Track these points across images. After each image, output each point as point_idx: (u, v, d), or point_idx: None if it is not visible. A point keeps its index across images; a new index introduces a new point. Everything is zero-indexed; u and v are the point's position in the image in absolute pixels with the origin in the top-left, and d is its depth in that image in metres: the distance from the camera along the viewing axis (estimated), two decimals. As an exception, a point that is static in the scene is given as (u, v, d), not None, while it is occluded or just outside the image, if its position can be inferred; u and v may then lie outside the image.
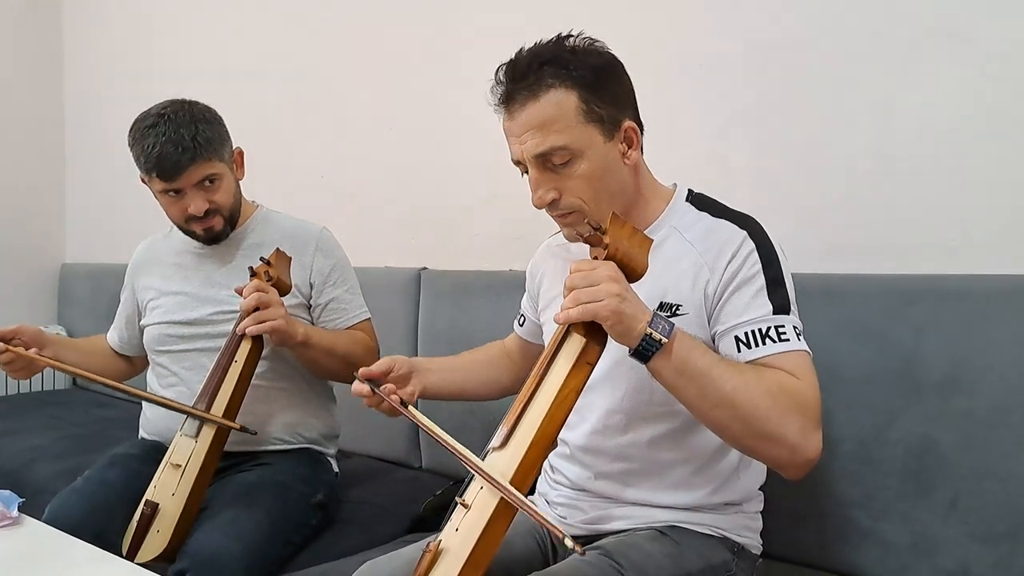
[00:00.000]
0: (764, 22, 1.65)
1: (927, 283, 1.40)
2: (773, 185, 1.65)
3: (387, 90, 2.38)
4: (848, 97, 1.55)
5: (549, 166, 1.15)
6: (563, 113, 1.12)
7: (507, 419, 1.01)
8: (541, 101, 1.12)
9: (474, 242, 2.18)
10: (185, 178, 1.60)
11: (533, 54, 1.15)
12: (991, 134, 1.41)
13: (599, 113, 1.14)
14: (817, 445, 1.05)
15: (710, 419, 1.06)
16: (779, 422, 1.03)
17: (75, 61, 3.55)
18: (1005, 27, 1.39)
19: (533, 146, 1.13)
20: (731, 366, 1.05)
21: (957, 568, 1.32)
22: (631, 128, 1.17)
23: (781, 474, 1.11)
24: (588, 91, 1.13)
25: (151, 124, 1.59)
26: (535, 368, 1.03)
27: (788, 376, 1.07)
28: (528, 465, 0.97)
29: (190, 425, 1.54)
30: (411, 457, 2.13)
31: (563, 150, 1.13)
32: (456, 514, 1.00)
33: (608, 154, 1.16)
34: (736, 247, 1.15)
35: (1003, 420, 1.28)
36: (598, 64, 1.15)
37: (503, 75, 1.16)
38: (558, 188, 1.16)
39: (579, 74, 1.12)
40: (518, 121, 1.14)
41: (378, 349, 1.78)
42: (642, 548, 1.16)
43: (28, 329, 1.64)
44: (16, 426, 2.54)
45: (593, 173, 1.14)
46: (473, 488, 1.00)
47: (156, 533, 1.47)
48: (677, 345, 1.00)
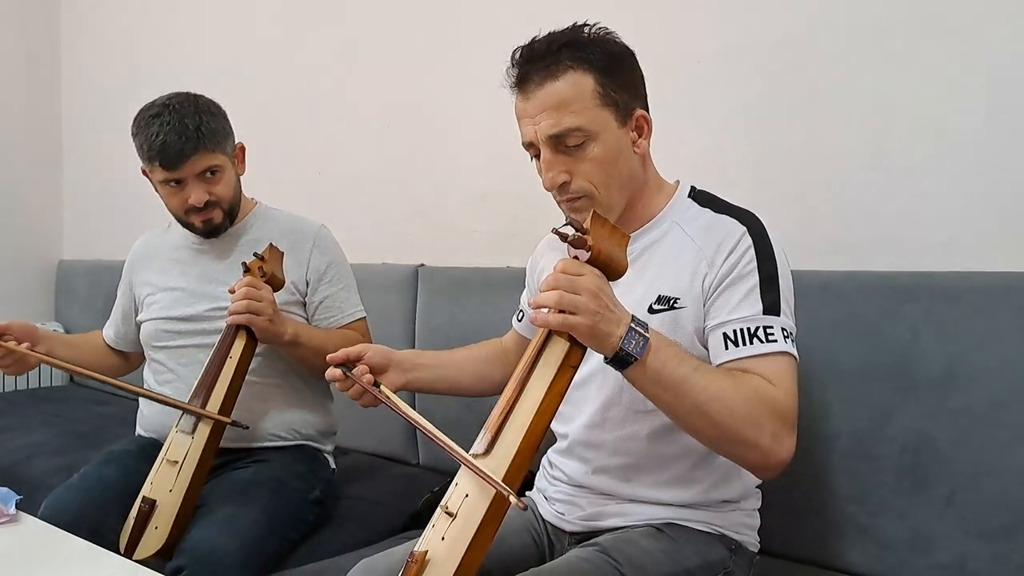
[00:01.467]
0: (762, 20, 1.65)
1: (923, 280, 1.40)
2: (770, 182, 1.65)
3: (385, 87, 2.38)
4: (845, 95, 1.56)
5: (562, 148, 1.15)
6: (580, 94, 1.13)
7: (489, 425, 0.99)
8: (560, 81, 1.13)
9: (472, 238, 2.18)
10: (187, 168, 1.61)
11: (551, 38, 1.15)
12: (988, 132, 1.41)
13: (614, 98, 1.14)
14: (790, 448, 1.07)
15: (685, 424, 1.06)
16: (752, 429, 1.03)
17: (72, 58, 3.55)
18: (1002, 26, 1.39)
19: (547, 127, 1.13)
20: (708, 373, 1.05)
21: (954, 563, 1.32)
22: (642, 117, 1.18)
23: (754, 474, 1.15)
24: (604, 75, 1.13)
25: (156, 113, 1.60)
26: (516, 372, 1.01)
27: (763, 382, 1.07)
28: (515, 471, 0.95)
29: (186, 421, 1.54)
30: (408, 453, 2.13)
31: (578, 131, 1.13)
32: (440, 521, 0.98)
33: (620, 140, 1.16)
34: (735, 243, 1.15)
35: (999, 416, 1.29)
36: (614, 51, 1.16)
37: (520, 57, 1.16)
38: (569, 171, 1.15)
39: (596, 58, 1.13)
40: (534, 101, 1.14)
41: (372, 349, 1.78)
42: (639, 545, 1.16)
43: (19, 325, 1.63)
44: (13, 423, 2.54)
45: (605, 157, 1.15)
46: (457, 495, 0.98)
47: (154, 529, 1.47)
48: (651, 358, 1.00)
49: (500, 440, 0.98)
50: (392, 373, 1.31)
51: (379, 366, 1.30)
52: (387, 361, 1.31)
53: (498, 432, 0.98)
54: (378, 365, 1.30)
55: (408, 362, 1.35)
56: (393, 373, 1.31)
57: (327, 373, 1.26)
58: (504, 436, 0.98)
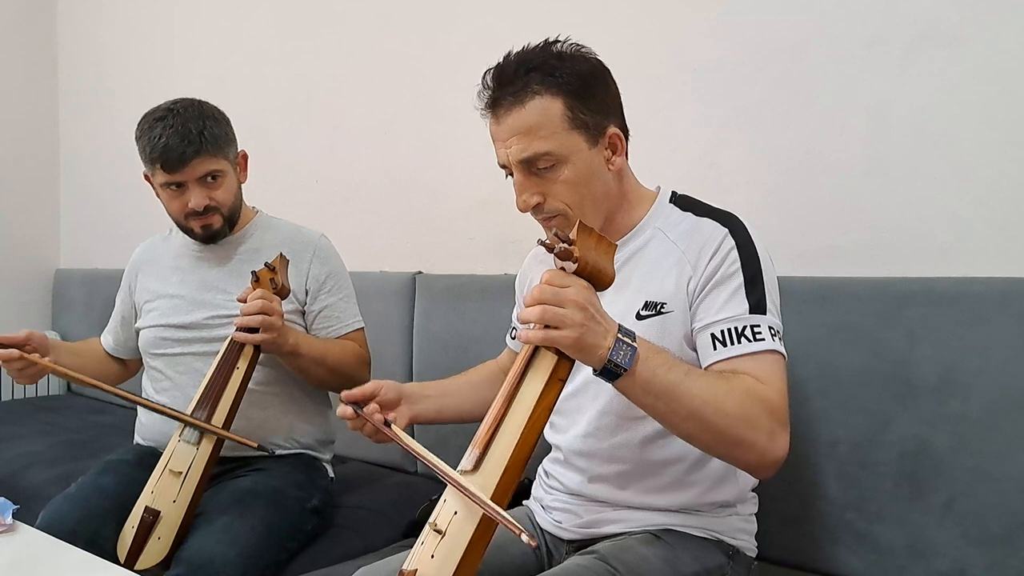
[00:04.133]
0: (759, 26, 1.66)
1: (920, 286, 1.40)
2: (767, 188, 1.65)
3: (382, 94, 2.38)
4: (842, 101, 1.56)
5: (534, 170, 1.16)
6: (548, 120, 1.13)
7: (477, 440, 0.99)
8: (527, 107, 1.13)
9: (469, 246, 2.18)
10: (188, 171, 1.61)
11: (520, 59, 1.15)
12: (984, 138, 1.42)
13: (584, 120, 1.14)
14: (784, 446, 1.07)
15: (681, 431, 1.06)
16: (748, 429, 1.04)
17: (70, 66, 3.55)
18: (998, 31, 1.40)
19: (518, 151, 1.14)
20: (699, 377, 1.05)
21: (952, 570, 1.32)
22: (616, 135, 1.18)
23: (751, 475, 1.15)
24: (574, 98, 1.14)
25: (160, 117, 1.62)
26: (504, 387, 1.01)
27: (755, 382, 1.07)
28: (504, 488, 0.95)
29: (190, 432, 1.53)
30: (406, 462, 2.13)
31: (547, 156, 1.14)
32: (429, 539, 0.98)
33: (592, 160, 1.16)
34: (717, 245, 1.16)
35: (997, 422, 1.29)
36: (585, 70, 1.16)
37: (490, 80, 1.17)
38: (542, 192, 1.17)
39: (565, 80, 1.13)
40: (504, 126, 1.15)
41: (370, 359, 1.78)
42: (637, 551, 1.16)
43: (37, 335, 1.63)
44: (10, 432, 2.53)
45: (577, 178, 1.15)
46: (446, 513, 0.97)
47: (157, 540, 1.47)
48: (640, 368, 1.00)
49: (488, 456, 0.97)
50: (403, 406, 1.32)
51: (392, 402, 1.30)
52: (399, 396, 1.32)
53: (486, 448, 0.98)
54: (391, 401, 1.30)
55: (415, 395, 1.36)
56: (404, 406, 1.32)
57: (339, 411, 1.26)
58: (492, 452, 0.97)
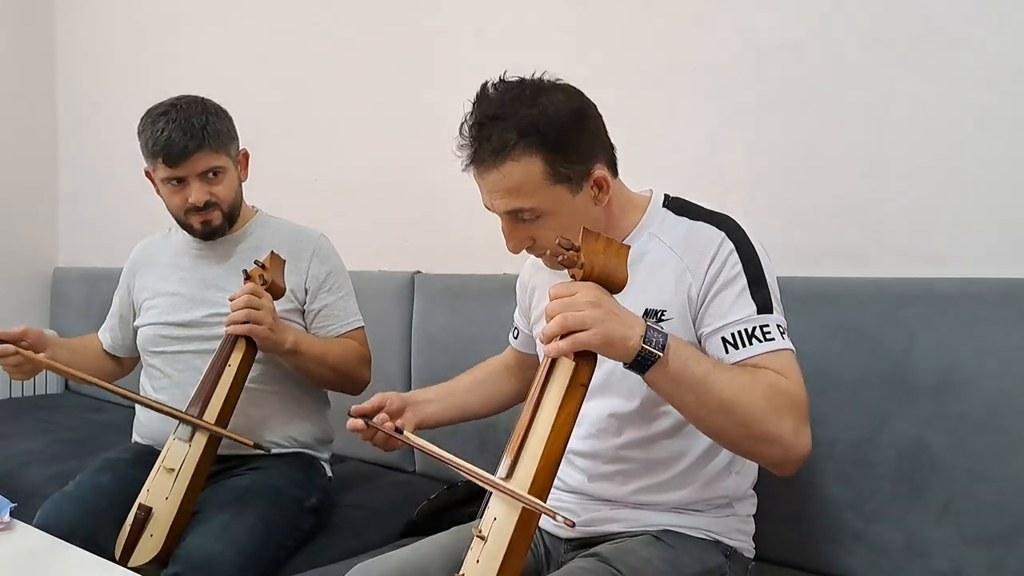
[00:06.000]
0: (758, 26, 1.66)
1: (920, 287, 1.40)
2: (767, 189, 1.65)
3: (381, 94, 2.38)
4: (842, 101, 1.56)
5: (520, 219, 1.17)
6: (529, 179, 1.13)
7: (509, 448, 1.03)
8: (507, 168, 1.12)
9: (468, 245, 2.18)
10: (189, 166, 1.62)
11: (496, 113, 1.12)
12: (984, 138, 1.42)
13: (565, 174, 1.14)
14: (808, 442, 1.07)
15: (707, 424, 1.06)
16: (775, 423, 1.04)
17: (68, 65, 3.54)
18: (998, 31, 1.40)
19: (503, 205, 1.16)
20: (726, 370, 1.06)
21: (950, 570, 1.32)
22: (601, 177, 1.17)
23: (774, 472, 1.12)
24: (554, 152, 1.12)
25: (162, 112, 1.63)
26: (530, 395, 1.04)
27: (778, 376, 1.08)
28: (536, 493, 0.98)
29: (183, 429, 1.53)
30: (404, 461, 2.13)
31: (531, 210, 1.15)
32: (475, 545, 1.01)
33: (577, 204, 1.16)
34: (716, 249, 1.16)
35: (995, 423, 1.29)
36: (563, 118, 1.12)
37: (467, 133, 1.15)
38: (532, 236, 1.19)
39: (543, 135, 1.11)
40: (486, 182, 1.16)
41: (370, 357, 1.78)
42: (639, 554, 1.16)
43: (33, 331, 1.63)
44: (8, 430, 2.53)
45: (563, 224, 1.15)
46: (487, 519, 1.01)
47: (149, 537, 1.46)
48: (672, 356, 1.00)
49: (520, 465, 1.01)
50: (408, 412, 1.34)
51: (398, 411, 1.32)
52: (404, 404, 1.34)
53: (517, 456, 1.01)
54: (397, 410, 1.32)
55: (419, 400, 1.38)
56: (409, 412, 1.34)
57: (348, 424, 1.28)
58: (523, 460, 1.01)
